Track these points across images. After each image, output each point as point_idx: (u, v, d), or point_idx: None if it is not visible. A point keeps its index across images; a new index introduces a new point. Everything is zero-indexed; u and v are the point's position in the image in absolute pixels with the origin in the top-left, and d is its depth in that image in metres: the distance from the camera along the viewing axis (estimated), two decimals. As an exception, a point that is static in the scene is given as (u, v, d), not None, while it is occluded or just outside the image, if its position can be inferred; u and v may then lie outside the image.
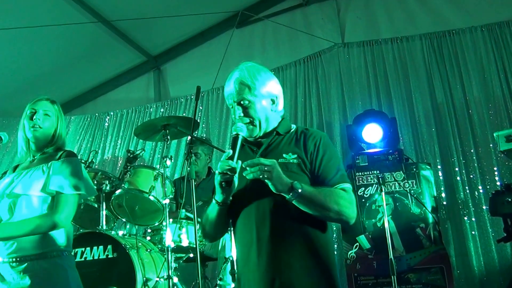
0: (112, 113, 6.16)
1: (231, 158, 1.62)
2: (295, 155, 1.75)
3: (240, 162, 1.62)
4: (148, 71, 6.32)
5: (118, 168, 5.61)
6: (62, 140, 2.39)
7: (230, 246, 3.44)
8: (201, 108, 5.67)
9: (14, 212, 2.16)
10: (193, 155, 3.95)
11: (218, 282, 3.37)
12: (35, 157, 2.33)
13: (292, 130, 1.88)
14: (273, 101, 1.86)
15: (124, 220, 3.68)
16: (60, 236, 2.20)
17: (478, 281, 4.12)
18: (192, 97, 5.65)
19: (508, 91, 4.43)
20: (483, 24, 4.67)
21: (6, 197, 2.19)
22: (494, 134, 2.75)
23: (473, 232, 4.23)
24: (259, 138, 1.85)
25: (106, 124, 6.13)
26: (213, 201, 1.73)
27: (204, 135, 5.49)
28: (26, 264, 2.09)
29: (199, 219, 2.32)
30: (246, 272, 1.71)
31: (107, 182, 3.52)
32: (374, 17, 5.25)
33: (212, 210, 1.76)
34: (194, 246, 3.01)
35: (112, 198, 3.49)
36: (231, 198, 1.71)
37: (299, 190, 1.59)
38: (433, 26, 4.88)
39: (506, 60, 4.51)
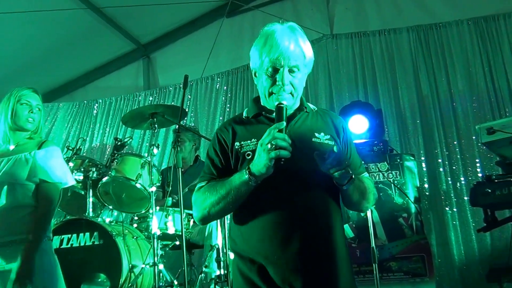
0: (100, 101, 6.15)
1: (281, 131, 1.40)
2: (328, 136, 1.61)
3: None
4: (138, 59, 6.31)
5: (106, 156, 5.62)
6: (41, 130, 2.48)
7: (216, 233, 3.49)
8: (189, 97, 5.68)
9: None
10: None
11: (204, 269, 3.42)
12: (14, 145, 2.36)
13: (312, 108, 1.72)
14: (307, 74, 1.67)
15: (110, 207, 3.69)
16: None
17: (458, 270, 4.23)
18: (181, 86, 5.65)
19: (491, 85, 4.50)
20: (470, 17, 4.70)
21: None
22: (476, 127, 2.80)
23: (454, 222, 4.33)
24: None
25: (95, 111, 6.12)
26: (246, 177, 1.45)
27: (193, 124, 5.51)
28: (11, 248, 2.13)
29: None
30: (273, 252, 1.49)
31: (94, 169, 3.55)
32: (363, 8, 5.27)
33: (239, 188, 1.48)
34: (180, 233, 3.07)
35: (99, 185, 3.51)
36: None
37: (353, 176, 1.50)
38: (420, 19, 4.91)
39: (491, 53, 4.56)
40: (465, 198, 4.30)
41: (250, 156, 1.54)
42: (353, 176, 1.51)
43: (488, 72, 4.54)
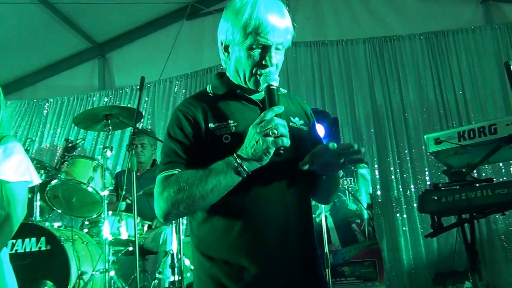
0: (52, 100, 5.93)
1: (278, 116, 1.27)
2: (302, 121, 1.51)
3: None
4: (93, 58, 6.13)
5: (56, 158, 5.41)
6: (1, 124, 2.27)
7: (171, 239, 3.44)
8: (147, 99, 5.58)
9: None
10: (139, 145, 3.93)
11: (157, 275, 3.36)
12: None
13: (283, 91, 1.60)
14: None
15: (59, 211, 3.56)
16: None
17: (406, 274, 4.39)
18: (138, 87, 5.54)
19: (440, 97, 4.74)
20: (422, 32, 4.93)
21: None
22: (424, 137, 2.91)
23: (404, 228, 4.50)
24: (253, 92, 1.48)
25: (45, 111, 5.89)
26: (235, 166, 1.27)
27: (149, 127, 5.41)
28: None
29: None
30: (264, 250, 1.33)
31: (42, 171, 3.39)
32: (322, 18, 5.39)
33: (227, 179, 1.28)
34: (133, 239, 3.00)
35: (48, 188, 3.38)
36: None
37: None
38: (376, 31, 5.09)
39: (440, 67, 4.81)
40: (415, 205, 4.47)
41: (228, 140, 1.36)
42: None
43: (438, 85, 4.77)
